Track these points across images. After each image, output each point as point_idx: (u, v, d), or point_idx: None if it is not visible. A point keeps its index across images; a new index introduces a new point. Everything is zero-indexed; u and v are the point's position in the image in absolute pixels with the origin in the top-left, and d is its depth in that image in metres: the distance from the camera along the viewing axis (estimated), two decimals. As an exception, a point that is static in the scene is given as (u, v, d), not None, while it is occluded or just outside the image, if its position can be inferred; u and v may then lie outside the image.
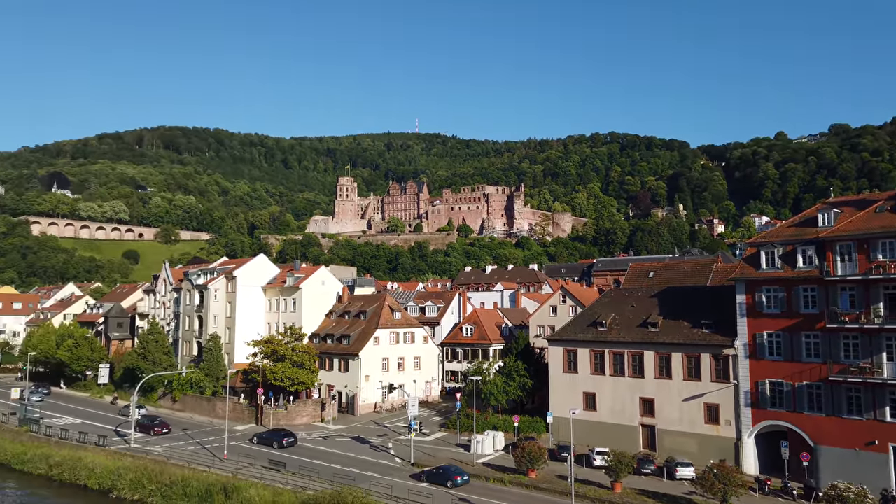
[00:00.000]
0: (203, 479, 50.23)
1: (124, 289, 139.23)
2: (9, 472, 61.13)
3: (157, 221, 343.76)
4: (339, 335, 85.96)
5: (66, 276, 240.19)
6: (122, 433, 69.74)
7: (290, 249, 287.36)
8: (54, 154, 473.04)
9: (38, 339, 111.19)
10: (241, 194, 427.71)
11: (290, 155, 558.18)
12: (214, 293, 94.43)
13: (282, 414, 76.45)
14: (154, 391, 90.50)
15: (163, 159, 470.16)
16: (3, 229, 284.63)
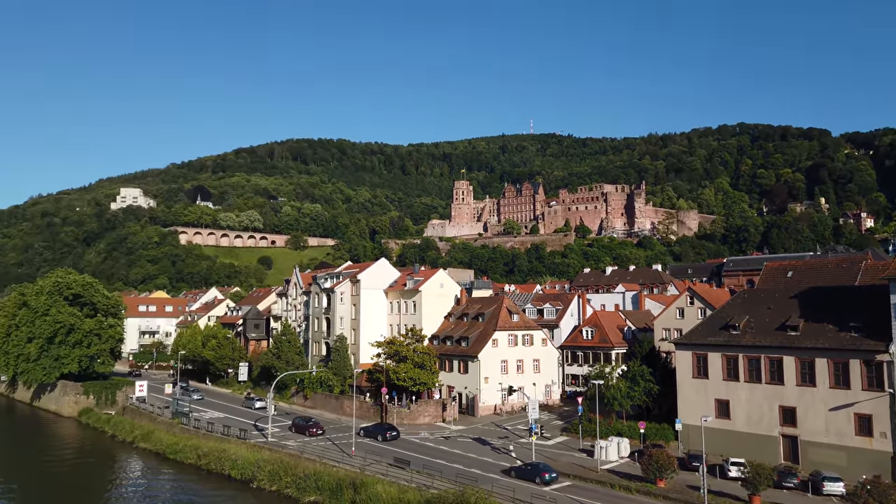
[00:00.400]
0: (333, 474, 52.59)
1: (260, 293, 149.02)
2: (164, 461, 67.23)
3: (288, 229, 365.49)
4: (458, 337, 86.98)
5: (209, 282, 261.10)
6: (260, 427, 74.52)
7: (409, 253, 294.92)
8: (198, 169, 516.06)
9: (186, 339, 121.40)
10: (362, 201, 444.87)
11: (407, 161, 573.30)
12: (340, 296, 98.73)
13: (405, 413, 78.44)
14: (287, 389, 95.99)
15: (291, 170, 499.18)
16: (156, 239, 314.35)
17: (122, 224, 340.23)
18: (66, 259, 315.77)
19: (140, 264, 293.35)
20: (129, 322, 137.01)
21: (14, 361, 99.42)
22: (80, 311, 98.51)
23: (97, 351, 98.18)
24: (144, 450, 71.85)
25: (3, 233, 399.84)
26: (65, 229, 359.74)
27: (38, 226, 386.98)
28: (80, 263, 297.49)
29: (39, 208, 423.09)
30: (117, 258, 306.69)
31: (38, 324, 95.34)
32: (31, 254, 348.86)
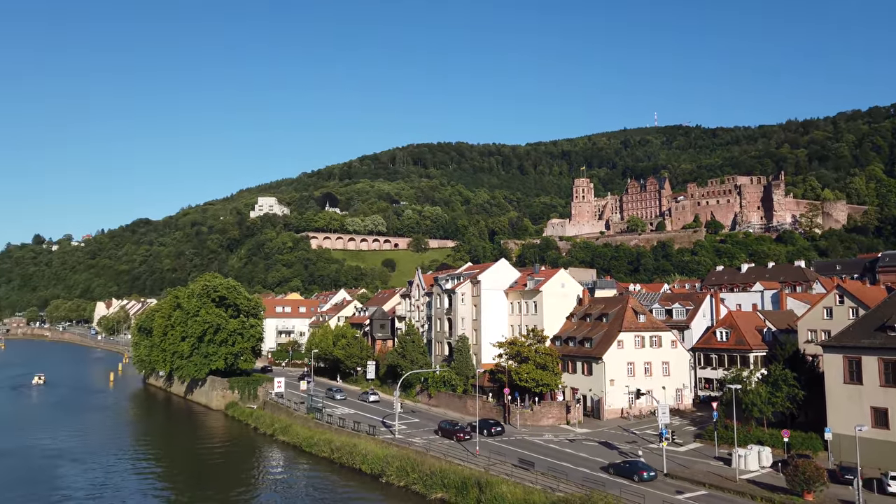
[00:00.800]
0: (458, 472, 53.24)
1: (385, 294, 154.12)
2: (301, 453, 71.24)
3: (410, 232, 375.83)
4: (581, 338, 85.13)
5: (338, 284, 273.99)
6: (388, 424, 77.00)
7: (528, 253, 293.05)
8: (326, 177, 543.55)
9: (318, 338, 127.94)
10: (481, 202, 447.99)
11: (525, 161, 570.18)
12: (461, 297, 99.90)
13: (528, 414, 77.93)
14: (413, 387, 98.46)
15: (412, 175, 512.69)
16: (289, 244, 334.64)
17: (259, 231, 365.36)
18: (213, 264, 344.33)
19: (276, 268, 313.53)
20: (268, 322, 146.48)
21: (170, 358, 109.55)
22: (226, 312, 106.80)
23: (240, 349, 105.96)
24: (283, 442, 76.56)
25: (159, 241, 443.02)
26: (211, 237, 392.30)
27: (188, 234, 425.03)
28: (224, 268, 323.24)
29: (189, 218, 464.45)
30: (256, 263, 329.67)
31: (189, 324, 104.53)
32: (182, 260, 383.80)
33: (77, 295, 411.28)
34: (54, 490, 58.68)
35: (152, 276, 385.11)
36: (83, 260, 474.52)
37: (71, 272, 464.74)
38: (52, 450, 75.53)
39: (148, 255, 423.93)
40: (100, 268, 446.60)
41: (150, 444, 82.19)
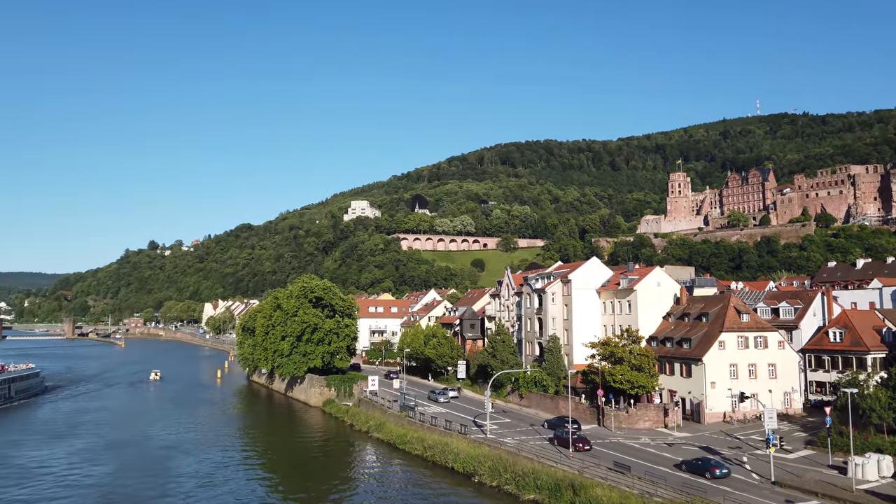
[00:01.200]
0: (552, 474, 52.52)
1: (474, 294, 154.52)
2: (394, 451, 72.62)
3: (498, 231, 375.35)
4: (679, 338, 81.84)
5: (428, 284, 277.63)
6: (479, 424, 77.11)
7: (621, 251, 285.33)
8: (415, 179, 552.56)
9: (410, 338, 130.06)
10: (570, 200, 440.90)
11: (617, 156, 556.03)
12: (551, 296, 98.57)
13: (623, 417, 75.81)
14: (503, 387, 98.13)
15: (500, 174, 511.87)
16: (381, 246, 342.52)
17: (352, 233, 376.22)
18: (309, 266, 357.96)
19: (368, 269, 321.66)
20: (361, 322, 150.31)
21: (271, 357, 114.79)
22: (322, 313, 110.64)
23: (336, 348, 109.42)
24: (377, 439, 78.36)
25: (261, 245, 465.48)
26: (307, 240, 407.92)
27: (287, 238, 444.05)
28: (320, 270, 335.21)
29: (287, 223, 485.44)
30: (350, 264, 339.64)
31: (289, 324, 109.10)
32: (281, 262, 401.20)
33: (187, 296, 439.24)
34: (169, 478, 62.83)
35: (254, 279, 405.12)
36: (192, 264, 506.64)
37: (182, 275, 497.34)
38: (166, 441, 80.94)
39: (250, 258, 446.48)
40: (207, 271, 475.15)
41: (254, 437, 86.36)
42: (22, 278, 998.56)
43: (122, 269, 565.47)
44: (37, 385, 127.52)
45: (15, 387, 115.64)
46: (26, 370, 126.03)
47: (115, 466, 67.66)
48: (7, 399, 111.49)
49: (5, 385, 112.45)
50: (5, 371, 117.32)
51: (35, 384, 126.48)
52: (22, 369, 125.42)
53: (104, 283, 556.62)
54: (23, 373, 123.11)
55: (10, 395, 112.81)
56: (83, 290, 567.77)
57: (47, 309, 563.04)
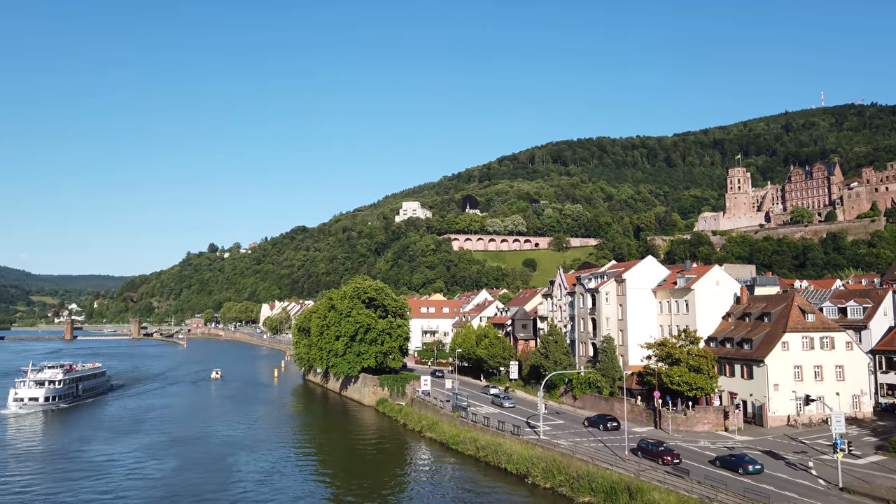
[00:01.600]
0: (607, 477, 51.65)
1: (526, 294, 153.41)
2: (447, 450, 72.80)
3: (550, 231, 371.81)
4: (740, 339, 79.26)
5: (479, 284, 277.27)
6: (532, 425, 76.53)
7: (677, 250, 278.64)
8: (466, 180, 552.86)
9: (462, 338, 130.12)
10: (624, 198, 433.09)
11: (672, 152, 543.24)
12: (605, 296, 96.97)
13: (680, 419, 73.94)
14: (556, 388, 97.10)
15: (552, 173, 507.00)
16: (432, 247, 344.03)
17: (404, 234, 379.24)
18: (362, 267, 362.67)
19: (420, 270, 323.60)
20: (413, 322, 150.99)
21: (326, 356, 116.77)
22: (375, 313, 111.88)
23: (389, 348, 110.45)
24: (430, 438, 78.72)
25: (315, 247, 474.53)
26: (360, 241, 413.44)
27: (340, 240, 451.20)
28: (372, 271, 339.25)
29: (340, 225, 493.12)
30: (402, 265, 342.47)
31: (343, 324, 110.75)
32: (335, 264, 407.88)
33: (245, 298, 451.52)
34: (229, 473, 64.67)
35: (309, 280, 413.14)
36: (250, 265, 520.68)
37: (240, 277, 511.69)
38: (226, 438, 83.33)
39: (305, 259, 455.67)
40: (264, 272, 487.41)
41: (310, 435, 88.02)
42: (92, 281, 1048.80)
43: (184, 271, 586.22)
44: (103, 384, 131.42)
45: (83, 385, 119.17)
46: (93, 369, 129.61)
47: (178, 462, 70.04)
48: (75, 397, 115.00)
49: (73, 384, 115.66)
50: (73, 370, 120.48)
51: (102, 383, 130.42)
52: (89, 368, 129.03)
53: (167, 284, 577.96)
54: (90, 372, 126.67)
55: (78, 394, 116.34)
56: (148, 291, 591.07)
57: (115, 310, 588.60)
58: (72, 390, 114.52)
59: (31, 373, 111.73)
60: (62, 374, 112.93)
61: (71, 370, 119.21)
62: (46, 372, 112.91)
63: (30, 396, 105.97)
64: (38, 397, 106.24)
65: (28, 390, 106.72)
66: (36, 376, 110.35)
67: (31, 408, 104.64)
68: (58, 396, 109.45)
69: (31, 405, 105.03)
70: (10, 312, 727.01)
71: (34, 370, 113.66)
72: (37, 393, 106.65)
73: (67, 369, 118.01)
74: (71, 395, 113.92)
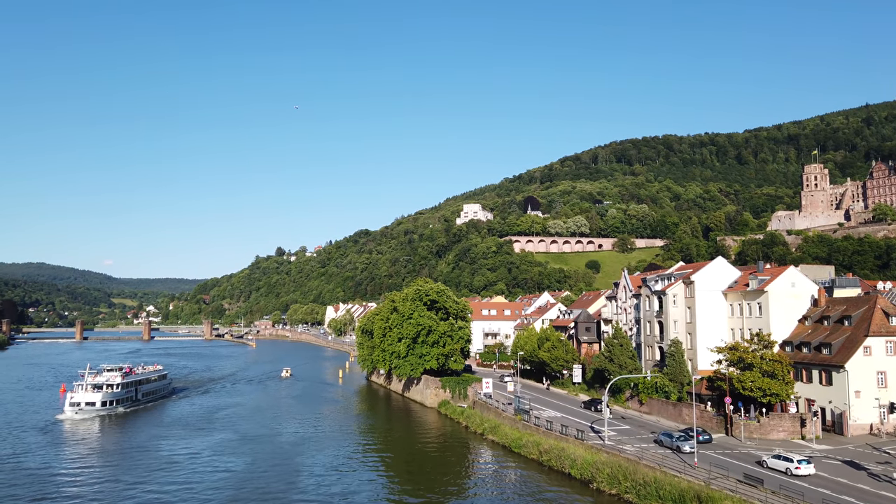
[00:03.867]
0: (675, 484, 50.10)
1: (589, 296, 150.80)
2: (509, 453, 72.32)
3: (614, 232, 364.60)
4: (817, 343, 75.45)
5: (541, 286, 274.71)
6: (596, 429, 75.10)
7: (749, 250, 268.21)
8: (527, 181, 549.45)
9: (523, 340, 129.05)
10: (692, 197, 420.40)
11: (744, 150, 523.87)
12: (673, 298, 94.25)
13: (753, 426, 71.02)
14: (622, 392, 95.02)
15: (616, 172, 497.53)
16: (493, 249, 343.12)
17: (465, 237, 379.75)
18: (423, 270, 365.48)
19: (481, 272, 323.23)
20: (475, 325, 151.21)
21: (389, 358, 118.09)
22: (436, 315, 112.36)
23: (450, 350, 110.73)
24: (492, 441, 78.43)
25: (377, 250, 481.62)
26: (421, 244, 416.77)
27: (402, 242, 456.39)
28: (433, 273, 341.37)
29: (402, 228, 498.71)
30: (463, 267, 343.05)
31: (405, 326, 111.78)
32: (397, 266, 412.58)
33: (311, 300, 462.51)
34: (296, 472, 66.19)
35: (372, 282, 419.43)
36: (315, 268, 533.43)
37: (306, 279, 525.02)
38: (295, 436, 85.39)
39: (368, 262, 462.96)
40: (329, 275, 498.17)
41: (374, 436, 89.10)
42: (168, 284, 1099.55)
43: (253, 274, 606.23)
44: (164, 387, 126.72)
45: (143, 389, 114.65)
46: (154, 372, 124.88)
47: (248, 459, 72.14)
48: (134, 402, 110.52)
49: (132, 387, 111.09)
50: (133, 373, 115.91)
51: (163, 386, 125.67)
52: (149, 371, 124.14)
53: (237, 287, 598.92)
54: (150, 374, 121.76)
55: (137, 398, 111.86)
56: (219, 294, 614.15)
57: (189, 312, 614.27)
58: (130, 394, 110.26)
59: (89, 376, 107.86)
60: (120, 378, 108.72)
61: (130, 373, 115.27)
62: (104, 375, 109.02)
63: (87, 401, 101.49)
64: (94, 402, 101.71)
65: (85, 394, 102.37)
66: (93, 380, 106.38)
67: (88, 413, 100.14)
68: (115, 401, 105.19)
69: (87, 410, 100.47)
70: (94, 314, 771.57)
71: (91, 373, 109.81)
72: (94, 397, 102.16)
73: (127, 372, 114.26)
74: (129, 399, 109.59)
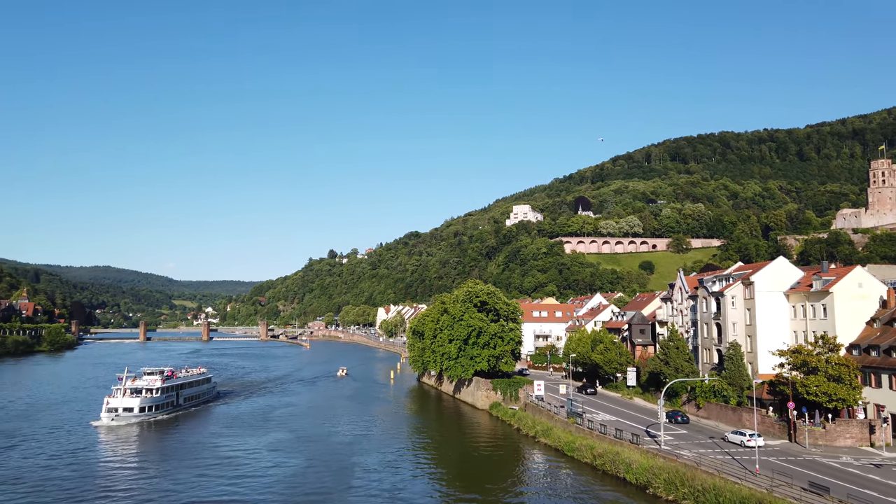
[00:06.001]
0: (735, 491, 48.57)
1: (643, 297, 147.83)
2: (561, 457, 71.46)
3: (669, 232, 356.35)
4: (888, 346, 71.85)
5: (593, 288, 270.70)
6: (651, 434, 73.48)
7: (812, 250, 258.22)
8: (577, 181, 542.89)
9: (575, 343, 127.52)
10: (751, 195, 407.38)
11: (805, 145, 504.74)
12: (731, 300, 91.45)
13: (818, 433, 68.20)
14: (678, 396, 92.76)
15: (670, 171, 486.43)
16: (543, 250, 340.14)
17: (515, 238, 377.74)
18: (473, 271, 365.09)
19: (531, 274, 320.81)
20: (525, 326, 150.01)
21: (440, 359, 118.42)
22: (487, 317, 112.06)
23: (501, 352, 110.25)
24: (544, 444, 77.67)
25: (427, 252, 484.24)
26: (471, 246, 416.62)
27: (451, 244, 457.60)
28: (483, 275, 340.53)
29: (451, 229, 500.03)
30: (513, 269, 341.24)
31: (455, 328, 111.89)
32: (447, 268, 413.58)
33: (362, 301, 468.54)
34: (351, 471, 67.03)
35: (422, 284, 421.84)
36: (366, 270, 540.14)
37: (357, 281, 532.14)
38: (349, 435, 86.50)
39: (418, 264, 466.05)
40: (379, 277, 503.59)
41: (426, 437, 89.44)
42: (225, 286, 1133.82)
43: (306, 276, 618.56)
44: (208, 391, 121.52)
45: (184, 393, 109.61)
46: (197, 375, 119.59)
47: (304, 458, 73.40)
48: (175, 407, 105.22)
49: (173, 392, 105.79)
50: (174, 377, 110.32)
51: (206, 390, 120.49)
52: (192, 374, 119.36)
53: (291, 289, 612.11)
54: (193, 378, 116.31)
55: (178, 403, 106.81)
56: (274, 295, 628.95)
57: (245, 313, 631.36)
58: (171, 399, 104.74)
59: (128, 380, 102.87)
60: (160, 382, 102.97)
61: (171, 376, 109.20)
62: (144, 379, 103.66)
63: (124, 406, 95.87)
64: (132, 407, 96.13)
65: (122, 400, 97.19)
66: (132, 384, 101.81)
67: (125, 419, 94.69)
68: (155, 406, 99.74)
69: (124, 416, 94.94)
70: (156, 315, 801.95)
71: (130, 377, 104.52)
72: (131, 403, 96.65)
73: (168, 375, 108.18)
74: (170, 404, 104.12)
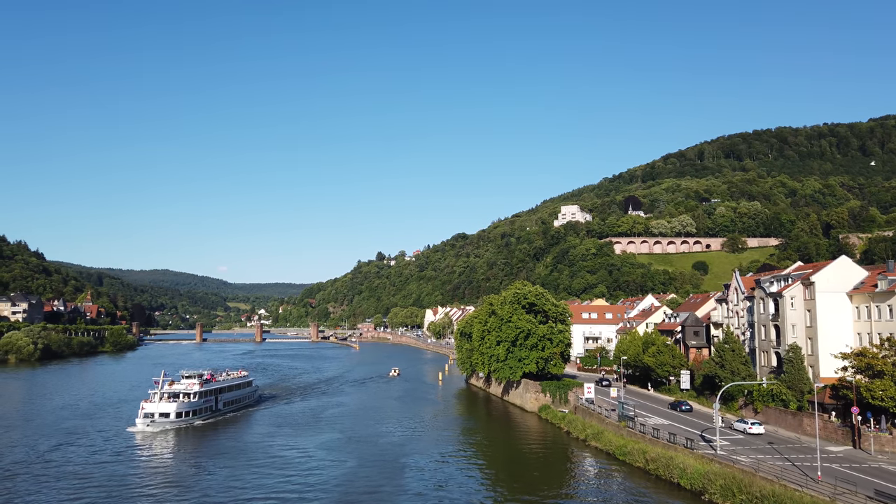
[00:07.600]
0: (796, 499, 46.85)
1: (697, 299, 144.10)
2: (613, 461, 70.19)
3: (723, 231, 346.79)
4: (962, 350, 68.08)
5: (644, 289, 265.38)
6: (707, 438, 71.49)
7: (877, 248, 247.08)
8: (627, 180, 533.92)
9: (626, 345, 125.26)
10: (810, 192, 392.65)
11: (868, 140, 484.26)
12: (790, 301, 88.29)
13: (885, 439, 65.26)
14: (734, 400, 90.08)
15: (724, 169, 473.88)
16: (593, 251, 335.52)
17: (563, 239, 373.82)
18: (521, 273, 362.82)
19: (580, 275, 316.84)
20: (575, 328, 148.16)
21: (488, 361, 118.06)
22: (535, 318, 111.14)
23: (550, 354, 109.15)
24: (595, 448, 76.45)
25: (475, 253, 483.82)
26: (519, 247, 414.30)
27: (499, 245, 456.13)
28: (531, 276, 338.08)
29: (499, 231, 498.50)
30: (561, 270, 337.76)
31: (503, 329, 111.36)
32: (494, 269, 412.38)
33: (410, 303, 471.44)
34: (400, 472, 67.42)
35: (469, 285, 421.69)
36: (414, 272, 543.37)
37: (405, 283, 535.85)
38: (399, 436, 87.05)
39: (465, 266, 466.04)
40: (427, 278, 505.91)
41: (475, 439, 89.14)
42: (277, 288, 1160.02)
43: (355, 278, 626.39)
44: (249, 395, 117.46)
45: (223, 398, 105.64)
46: (237, 379, 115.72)
47: (355, 459, 74.16)
48: (213, 412, 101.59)
49: (212, 396, 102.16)
50: (213, 381, 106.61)
51: (247, 395, 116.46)
52: (232, 378, 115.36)
53: (341, 291, 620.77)
54: (233, 382, 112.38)
55: (217, 408, 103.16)
56: (324, 297, 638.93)
57: (296, 315, 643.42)
58: (209, 404, 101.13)
59: (164, 384, 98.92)
60: (198, 386, 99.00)
61: (210, 380, 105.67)
62: (182, 383, 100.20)
63: (160, 412, 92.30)
64: (169, 413, 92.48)
65: (159, 405, 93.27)
66: (169, 388, 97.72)
67: (161, 425, 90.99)
68: (192, 412, 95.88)
69: (160, 422, 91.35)
70: (211, 317, 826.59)
71: (167, 380, 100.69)
72: (168, 408, 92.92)
73: (207, 379, 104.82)
74: (208, 409, 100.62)
